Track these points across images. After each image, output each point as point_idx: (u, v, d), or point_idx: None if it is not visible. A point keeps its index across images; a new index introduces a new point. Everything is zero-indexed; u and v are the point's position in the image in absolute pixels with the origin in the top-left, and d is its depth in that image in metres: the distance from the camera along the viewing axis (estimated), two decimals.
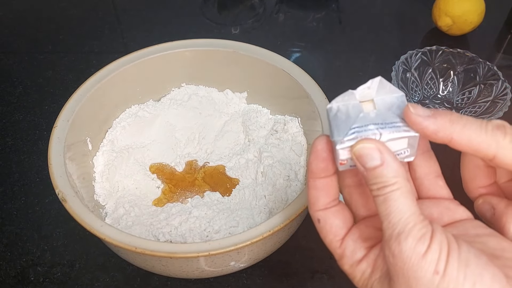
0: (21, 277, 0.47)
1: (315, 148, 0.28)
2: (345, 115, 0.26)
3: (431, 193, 0.29)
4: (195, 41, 0.54)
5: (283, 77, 0.51)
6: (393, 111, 0.26)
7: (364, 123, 0.25)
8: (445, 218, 0.28)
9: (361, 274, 0.27)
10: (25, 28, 0.76)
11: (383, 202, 0.24)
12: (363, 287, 0.27)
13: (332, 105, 0.27)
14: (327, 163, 0.27)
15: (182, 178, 0.51)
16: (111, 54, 0.71)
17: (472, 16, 0.69)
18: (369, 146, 0.25)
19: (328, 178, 0.28)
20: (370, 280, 0.26)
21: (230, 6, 0.81)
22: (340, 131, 0.25)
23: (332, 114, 0.26)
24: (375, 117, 0.25)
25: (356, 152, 0.25)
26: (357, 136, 0.25)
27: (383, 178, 0.24)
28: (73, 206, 0.39)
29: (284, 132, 0.51)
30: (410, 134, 0.25)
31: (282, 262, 0.48)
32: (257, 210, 0.46)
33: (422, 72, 0.62)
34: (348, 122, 0.25)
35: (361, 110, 0.26)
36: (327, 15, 0.79)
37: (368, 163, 0.25)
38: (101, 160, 0.50)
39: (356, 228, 0.28)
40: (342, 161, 0.26)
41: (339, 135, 0.25)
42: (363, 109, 0.26)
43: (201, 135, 0.54)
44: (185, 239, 0.43)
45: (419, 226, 0.23)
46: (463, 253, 0.23)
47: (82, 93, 0.48)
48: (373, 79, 0.26)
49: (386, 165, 0.24)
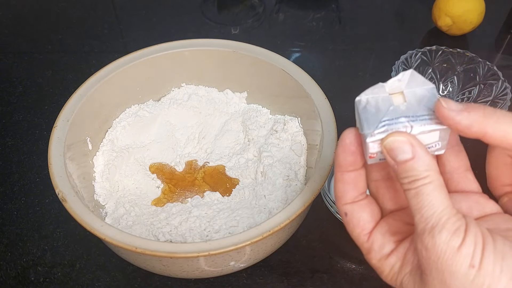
0: (21, 277, 0.47)
1: (343, 141, 0.27)
2: (375, 108, 0.25)
3: (460, 186, 0.28)
4: (195, 41, 0.54)
5: (283, 77, 0.51)
6: (424, 104, 0.25)
7: (395, 116, 0.25)
8: (474, 212, 0.27)
9: (390, 268, 0.26)
10: (25, 28, 0.76)
11: (414, 196, 0.24)
12: (392, 281, 0.27)
13: (361, 97, 0.26)
14: (356, 156, 0.27)
15: (182, 178, 0.51)
16: (111, 54, 0.71)
17: (472, 16, 0.69)
18: (400, 139, 0.24)
19: (356, 171, 0.27)
20: (400, 275, 0.26)
21: (230, 6, 0.81)
22: (370, 124, 0.25)
23: (361, 106, 0.26)
24: (406, 110, 0.25)
25: (386, 145, 0.25)
26: (387, 129, 0.25)
27: (415, 172, 0.24)
28: (73, 206, 0.39)
29: (284, 132, 0.51)
30: (441, 127, 0.24)
31: (282, 262, 0.48)
32: (257, 210, 0.46)
33: (422, 72, 0.62)
34: (378, 115, 0.25)
35: (391, 103, 0.25)
36: (327, 14, 0.79)
37: (399, 157, 0.24)
38: (101, 160, 0.50)
39: (384, 222, 0.28)
40: (372, 154, 0.26)
41: (369, 128, 0.25)
42: (393, 102, 0.25)
43: (201, 134, 0.54)
44: (185, 239, 0.43)
45: (453, 219, 0.23)
46: (499, 246, 0.22)
47: (82, 93, 0.48)
48: (404, 72, 0.26)
49: (418, 159, 0.24)
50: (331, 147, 0.43)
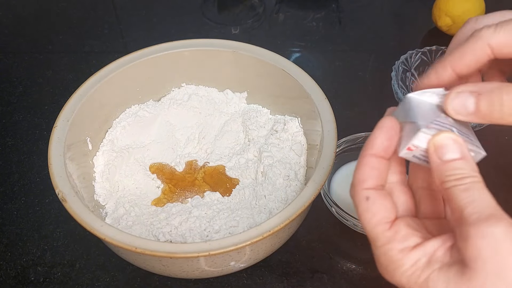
0: (21, 277, 0.47)
1: (384, 124, 0.27)
2: (429, 108, 0.27)
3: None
4: (195, 41, 0.54)
5: (283, 77, 0.51)
6: (466, 124, 0.27)
7: (446, 122, 0.26)
8: None
9: (413, 263, 0.25)
10: (25, 28, 0.76)
11: (464, 191, 0.24)
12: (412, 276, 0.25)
13: (413, 95, 0.28)
14: (391, 142, 0.27)
15: (182, 178, 0.51)
16: (111, 54, 0.71)
17: (472, 16, 0.68)
18: (453, 138, 0.25)
19: (385, 160, 0.27)
20: (426, 271, 0.25)
21: (230, 6, 0.81)
22: (426, 118, 0.26)
23: (415, 102, 0.27)
24: (454, 123, 0.26)
25: (437, 141, 0.25)
26: (440, 129, 0.25)
27: (464, 170, 0.24)
28: (73, 206, 0.39)
29: (284, 132, 0.51)
30: (479, 151, 0.26)
31: (282, 262, 0.48)
32: (257, 210, 0.46)
33: (422, 72, 0.62)
34: (433, 114, 0.26)
35: (443, 111, 0.27)
36: (327, 15, 0.79)
37: (447, 155, 0.25)
38: (101, 160, 0.50)
39: (409, 218, 0.27)
40: (413, 146, 0.26)
41: (425, 121, 0.26)
42: (444, 111, 0.27)
43: (201, 135, 0.54)
44: (185, 239, 0.43)
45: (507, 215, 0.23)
46: None
47: (82, 93, 0.48)
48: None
49: (467, 160, 0.25)
50: (331, 147, 0.43)
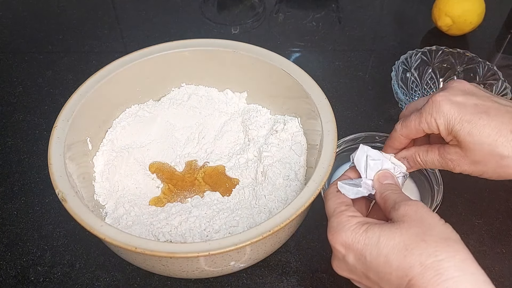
0: (21, 277, 0.47)
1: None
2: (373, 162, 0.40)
3: None
4: (195, 41, 0.54)
5: (283, 77, 0.51)
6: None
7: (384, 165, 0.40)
8: None
9: (357, 222, 0.34)
10: (25, 28, 0.76)
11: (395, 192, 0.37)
12: (355, 229, 0.33)
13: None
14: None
15: (182, 178, 0.51)
16: (111, 54, 0.71)
17: (472, 16, 0.69)
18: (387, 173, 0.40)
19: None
20: (366, 225, 0.33)
21: (230, 6, 0.81)
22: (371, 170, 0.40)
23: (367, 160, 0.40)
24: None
25: (380, 174, 0.39)
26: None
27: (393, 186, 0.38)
28: (73, 206, 0.39)
29: (284, 132, 0.51)
30: (403, 174, 0.41)
31: (282, 262, 0.48)
32: (257, 210, 0.46)
33: (422, 72, 0.62)
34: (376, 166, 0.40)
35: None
36: (327, 15, 0.79)
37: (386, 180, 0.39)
38: (101, 160, 0.50)
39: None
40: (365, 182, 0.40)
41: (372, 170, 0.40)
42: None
43: (201, 134, 0.54)
44: (185, 239, 0.43)
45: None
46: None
47: (82, 93, 0.48)
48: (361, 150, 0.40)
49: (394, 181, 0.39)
50: (331, 147, 0.43)
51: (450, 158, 0.38)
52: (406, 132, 0.40)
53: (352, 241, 0.33)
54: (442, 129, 0.37)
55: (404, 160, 0.41)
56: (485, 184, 0.53)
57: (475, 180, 0.53)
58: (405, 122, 0.40)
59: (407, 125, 0.40)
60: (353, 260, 0.33)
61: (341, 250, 0.34)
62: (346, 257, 0.34)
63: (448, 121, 0.37)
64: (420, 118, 0.38)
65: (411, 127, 0.39)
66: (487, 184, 0.53)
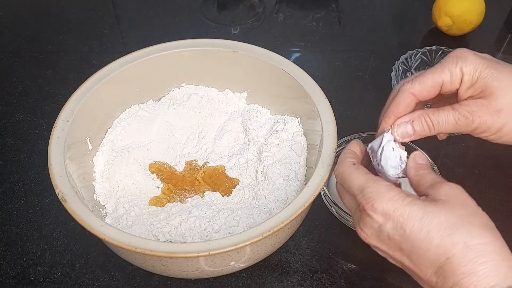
0: (21, 277, 0.47)
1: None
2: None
3: None
4: (195, 41, 0.54)
5: (283, 77, 0.51)
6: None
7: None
8: None
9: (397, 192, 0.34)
10: (25, 28, 0.76)
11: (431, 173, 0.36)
12: (397, 201, 0.33)
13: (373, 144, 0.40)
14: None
15: (182, 178, 0.51)
16: (111, 54, 0.71)
17: (472, 16, 0.69)
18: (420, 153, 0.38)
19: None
20: (409, 197, 0.33)
21: (230, 6, 0.81)
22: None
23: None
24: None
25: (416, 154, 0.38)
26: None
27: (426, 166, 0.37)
28: (73, 206, 0.39)
29: (284, 132, 0.51)
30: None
31: (282, 262, 0.48)
32: (257, 210, 0.46)
33: None
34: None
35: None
36: (327, 15, 0.79)
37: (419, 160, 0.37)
38: (101, 160, 0.50)
39: None
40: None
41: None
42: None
43: (201, 134, 0.54)
44: (185, 239, 0.43)
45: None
46: None
47: (82, 93, 0.48)
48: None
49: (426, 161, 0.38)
50: (331, 147, 0.43)
51: (469, 109, 0.36)
52: (419, 88, 0.37)
53: (393, 212, 0.32)
54: (467, 78, 0.36)
55: (408, 124, 0.38)
56: (486, 184, 0.53)
57: (475, 180, 0.54)
58: (419, 77, 0.37)
59: (421, 80, 0.37)
60: (390, 230, 0.33)
61: (379, 219, 0.33)
62: (383, 226, 0.33)
63: (475, 68, 0.36)
64: (442, 69, 0.37)
65: (427, 81, 0.37)
66: (488, 184, 0.53)
